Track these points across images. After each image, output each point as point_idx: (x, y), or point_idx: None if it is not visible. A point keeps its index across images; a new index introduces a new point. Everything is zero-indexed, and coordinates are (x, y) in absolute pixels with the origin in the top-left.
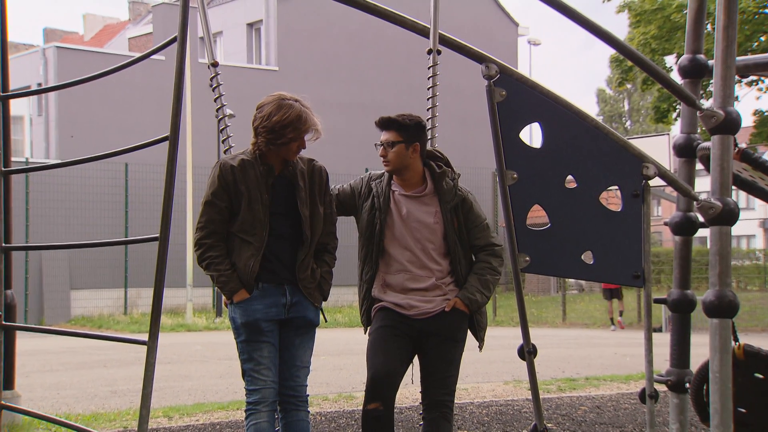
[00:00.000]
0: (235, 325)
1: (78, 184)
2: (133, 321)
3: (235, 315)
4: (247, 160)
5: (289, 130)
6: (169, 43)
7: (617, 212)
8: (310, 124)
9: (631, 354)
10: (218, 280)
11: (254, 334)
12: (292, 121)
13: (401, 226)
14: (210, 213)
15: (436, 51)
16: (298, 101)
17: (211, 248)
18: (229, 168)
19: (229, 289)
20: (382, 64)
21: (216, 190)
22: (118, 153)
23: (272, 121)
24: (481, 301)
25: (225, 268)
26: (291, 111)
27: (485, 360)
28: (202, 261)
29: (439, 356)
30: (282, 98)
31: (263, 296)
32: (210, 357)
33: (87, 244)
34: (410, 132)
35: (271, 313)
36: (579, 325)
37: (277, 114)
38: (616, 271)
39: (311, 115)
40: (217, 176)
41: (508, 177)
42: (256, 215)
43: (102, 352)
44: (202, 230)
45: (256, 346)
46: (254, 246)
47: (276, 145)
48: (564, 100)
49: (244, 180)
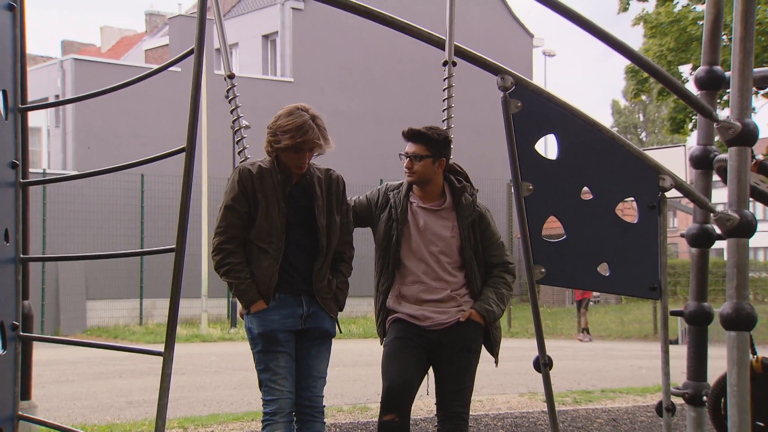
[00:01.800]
0: (251, 336)
1: (94, 195)
2: (148, 331)
3: (252, 325)
4: (264, 167)
5: (286, 137)
6: (186, 56)
7: (633, 224)
8: (308, 139)
9: (647, 366)
10: (238, 288)
11: (271, 345)
12: (291, 129)
13: (418, 238)
14: (230, 218)
15: (451, 62)
16: (312, 116)
17: (231, 254)
18: (247, 173)
19: (248, 298)
20: (397, 75)
21: (236, 195)
22: (135, 164)
23: (277, 124)
24: (497, 312)
25: (245, 276)
26: (296, 119)
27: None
28: (221, 267)
29: (454, 367)
30: (298, 107)
31: (280, 307)
32: (225, 367)
33: (103, 255)
34: (438, 147)
35: (287, 324)
36: (594, 336)
37: (284, 118)
38: (632, 283)
39: (316, 131)
40: (237, 181)
41: (523, 188)
42: (272, 223)
43: (117, 362)
44: (222, 235)
45: (272, 356)
46: (271, 255)
47: (274, 149)
48: (579, 111)
49: (261, 187)
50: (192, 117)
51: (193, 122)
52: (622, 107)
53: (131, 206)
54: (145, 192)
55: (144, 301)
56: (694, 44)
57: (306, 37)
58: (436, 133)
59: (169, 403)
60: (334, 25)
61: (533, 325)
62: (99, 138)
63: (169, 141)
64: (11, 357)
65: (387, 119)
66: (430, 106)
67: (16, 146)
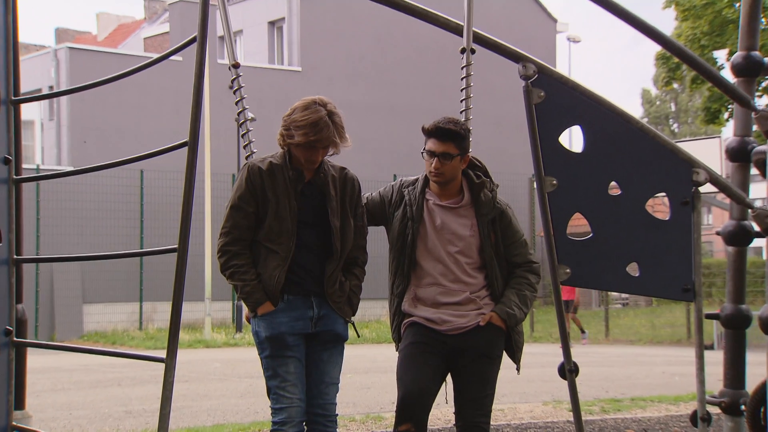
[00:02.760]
0: (258, 340)
1: (91, 192)
2: (148, 337)
3: (259, 329)
4: (276, 164)
5: (300, 133)
6: (188, 44)
7: (665, 221)
8: (322, 137)
9: (680, 373)
10: (242, 290)
11: (279, 349)
12: (306, 125)
13: (434, 238)
14: (236, 218)
15: (470, 50)
16: (330, 112)
17: (236, 256)
18: (257, 171)
19: (254, 300)
20: (411, 64)
21: (243, 193)
22: (134, 160)
23: (291, 117)
24: (519, 316)
25: (250, 278)
26: (311, 115)
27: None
28: (225, 269)
29: (473, 375)
30: (315, 101)
31: (289, 309)
32: (230, 375)
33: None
34: (465, 142)
35: (297, 327)
36: (623, 341)
37: (299, 112)
38: (664, 284)
39: (332, 129)
40: (245, 179)
41: (547, 183)
42: (283, 224)
43: (116, 369)
44: (227, 236)
45: (281, 361)
46: (280, 256)
47: (287, 143)
48: (606, 101)
49: (272, 185)
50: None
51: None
52: (652, 96)
53: (130, 204)
54: (144, 189)
55: (144, 304)
56: (730, 28)
57: (315, 23)
58: (462, 127)
59: (171, 412)
60: (345, 10)
61: (558, 329)
62: (95, 132)
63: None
64: (4, 364)
65: (401, 111)
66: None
67: (8, 141)
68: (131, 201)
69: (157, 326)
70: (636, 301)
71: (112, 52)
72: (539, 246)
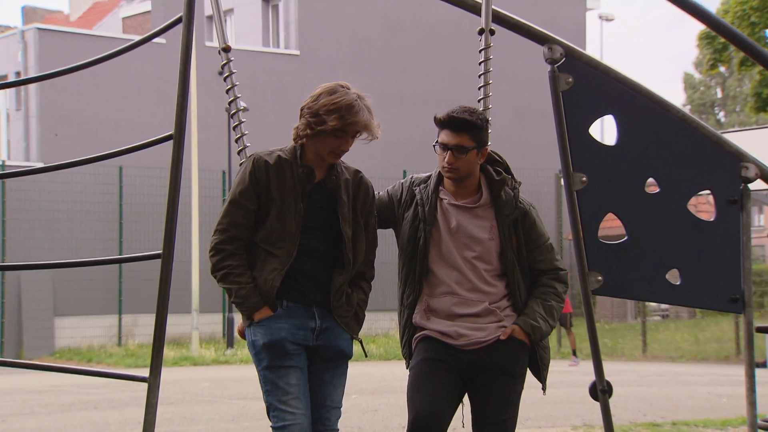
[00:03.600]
0: (255, 350)
1: (64, 191)
2: (128, 353)
3: (256, 337)
4: (285, 158)
5: (333, 117)
6: (173, 24)
7: (709, 222)
8: (360, 119)
9: (728, 394)
10: (237, 294)
11: (279, 358)
12: (341, 107)
13: (449, 241)
14: (234, 215)
15: (489, 31)
16: (358, 95)
17: (230, 256)
18: (263, 165)
19: (250, 305)
20: (423, 47)
21: (245, 188)
22: (112, 155)
23: (319, 103)
24: (544, 329)
25: (246, 280)
26: (344, 98)
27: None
28: (217, 270)
29: (493, 395)
30: (341, 85)
31: (289, 315)
32: (220, 396)
33: (75, 263)
34: (482, 134)
35: (298, 336)
36: (663, 358)
37: (327, 97)
38: (709, 293)
39: (367, 114)
40: (249, 173)
41: (576, 180)
42: (286, 227)
43: (92, 390)
44: (223, 233)
45: (282, 372)
46: (280, 260)
47: (315, 132)
48: (643, 88)
49: (278, 183)
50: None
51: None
52: (695, 82)
53: (108, 205)
54: (124, 188)
55: (124, 317)
56: None
57: (315, 1)
58: (479, 117)
59: None
60: None
61: (588, 344)
62: (69, 123)
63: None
64: None
65: (411, 100)
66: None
67: None
68: (109, 201)
69: (138, 342)
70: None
71: (86, 34)
72: (567, 251)
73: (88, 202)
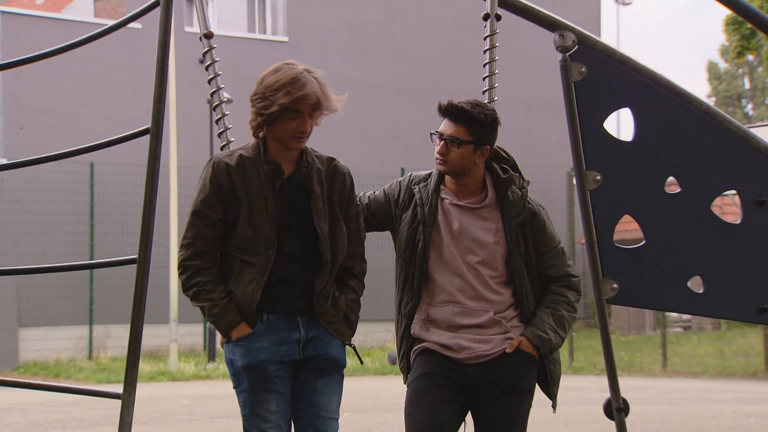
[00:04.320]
0: (234, 371)
1: (29, 190)
2: (100, 368)
3: (234, 357)
4: (247, 157)
5: (280, 95)
6: (150, 8)
7: (736, 225)
8: (309, 91)
9: (756, 413)
10: (210, 312)
11: (259, 381)
12: (285, 83)
13: (451, 245)
14: (199, 226)
15: (494, 16)
16: (306, 69)
17: (199, 272)
18: (224, 168)
19: (226, 322)
20: (423, 34)
21: (207, 197)
22: (83, 151)
23: (263, 85)
24: (554, 342)
25: (218, 296)
26: (287, 72)
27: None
28: (188, 289)
29: (499, 413)
30: (285, 63)
31: (270, 331)
32: (201, 415)
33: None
34: (483, 130)
35: (280, 353)
36: (684, 373)
37: (271, 76)
38: (735, 302)
39: (316, 84)
40: (209, 178)
41: (589, 179)
42: (259, 230)
43: (60, 408)
44: (189, 248)
45: (261, 397)
46: (257, 269)
47: (266, 117)
48: (663, 78)
49: (243, 185)
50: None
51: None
52: (721, 71)
53: (78, 205)
54: (96, 186)
55: (95, 328)
56: None
57: None
58: (483, 112)
59: None
60: None
61: (603, 358)
62: (35, 116)
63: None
64: None
65: (410, 91)
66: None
67: None
68: (80, 201)
69: (111, 355)
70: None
71: (54, 18)
72: (579, 256)
73: (56, 201)
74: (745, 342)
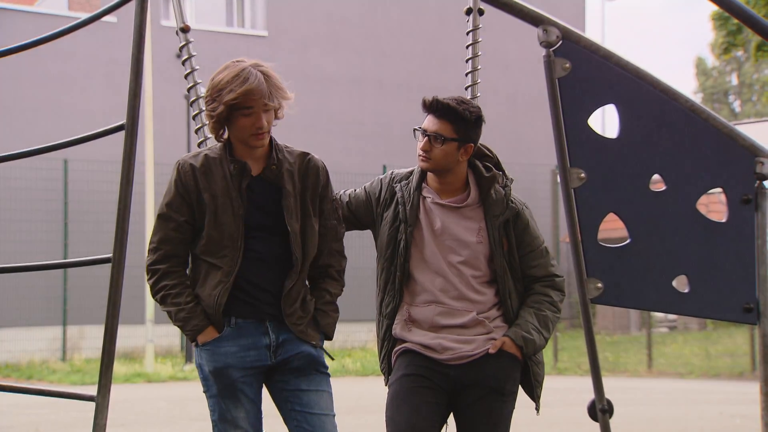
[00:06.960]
0: (203, 375)
1: (1, 187)
2: (74, 369)
3: (202, 361)
4: (212, 157)
5: (225, 92)
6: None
7: (721, 223)
8: (253, 86)
9: (742, 414)
10: (176, 316)
11: (226, 388)
12: (228, 81)
13: (433, 244)
14: (165, 230)
15: (477, 10)
16: (254, 64)
17: (165, 276)
18: (188, 170)
19: (192, 327)
20: (405, 28)
21: (172, 199)
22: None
23: (210, 86)
24: (538, 342)
25: (185, 300)
26: (232, 69)
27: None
28: (155, 293)
29: (481, 415)
30: (234, 60)
31: (237, 335)
32: (178, 417)
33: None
34: (468, 128)
35: (248, 359)
36: (670, 374)
37: (218, 76)
38: (720, 302)
39: (261, 78)
40: (174, 181)
41: (573, 176)
42: (225, 231)
43: (33, 411)
44: (155, 252)
45: (229, 403)
46: (224, 271)
47: (216, 118)
48: (648, 74)
49: (208, 185)
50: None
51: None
52: (708, 67)
53: (51, 203)
54: (69, 183)
55: (68, 328)
56: None
57: None
58: (469, 109)
59: None
60: None
61: (587, 359)
62: (6, 111)
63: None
64: None
65: (392, 86)
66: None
67: None
68: (53, 199)
69: (85, 356)
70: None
71: (26, 11)
72: (564, 255)
73: (28, 200)
74: (731, 342)
